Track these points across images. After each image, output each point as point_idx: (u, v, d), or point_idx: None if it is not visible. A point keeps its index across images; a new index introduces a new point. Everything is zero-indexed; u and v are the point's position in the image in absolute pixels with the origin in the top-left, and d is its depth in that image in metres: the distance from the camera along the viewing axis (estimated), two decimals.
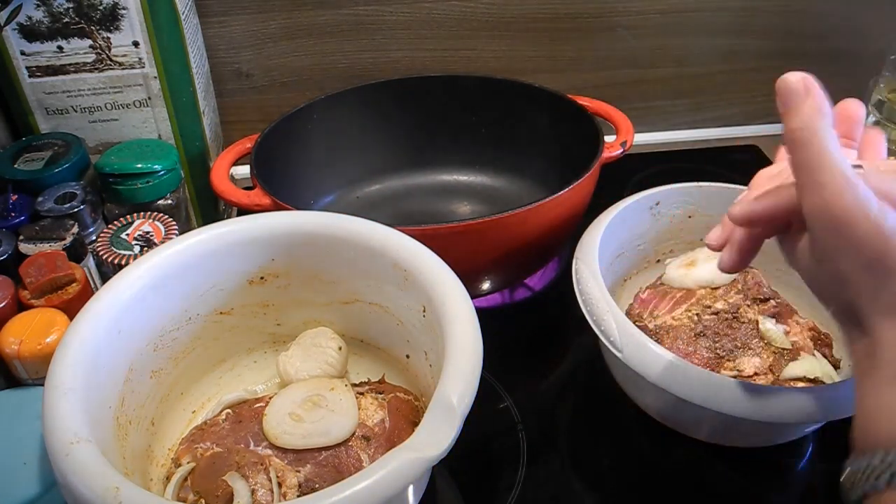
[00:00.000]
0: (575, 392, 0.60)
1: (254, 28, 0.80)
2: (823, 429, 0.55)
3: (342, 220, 0.51)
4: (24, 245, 0.54)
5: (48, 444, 0.37)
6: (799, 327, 0.57)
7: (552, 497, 0.52)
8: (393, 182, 0.80)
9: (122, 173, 0.60)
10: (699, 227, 0.65)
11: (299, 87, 0.84)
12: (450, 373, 0.40)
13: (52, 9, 0.59)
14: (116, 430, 0.43)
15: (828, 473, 0.54)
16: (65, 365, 0.41)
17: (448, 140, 0.79)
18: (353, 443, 0.45)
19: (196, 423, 0.51)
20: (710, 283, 0.59)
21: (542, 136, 0.76)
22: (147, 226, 0.58)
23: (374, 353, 0.56)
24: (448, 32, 0.84)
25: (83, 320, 0.43)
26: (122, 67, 0.63)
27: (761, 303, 0.57)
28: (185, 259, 0.49)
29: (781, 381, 0.52)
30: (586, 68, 0.89)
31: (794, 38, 0.91)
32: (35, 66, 0.61)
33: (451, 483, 0.52)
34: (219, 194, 0.62)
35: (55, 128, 0.65)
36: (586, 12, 0.85)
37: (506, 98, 0.76)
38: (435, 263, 0.48)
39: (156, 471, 0.48)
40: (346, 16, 0.81)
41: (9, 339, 0.47)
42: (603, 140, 0.65)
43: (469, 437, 0.39)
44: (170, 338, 0.50)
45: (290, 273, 0.53)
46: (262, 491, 0.43)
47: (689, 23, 0.88)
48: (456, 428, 0.38)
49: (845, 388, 0.46)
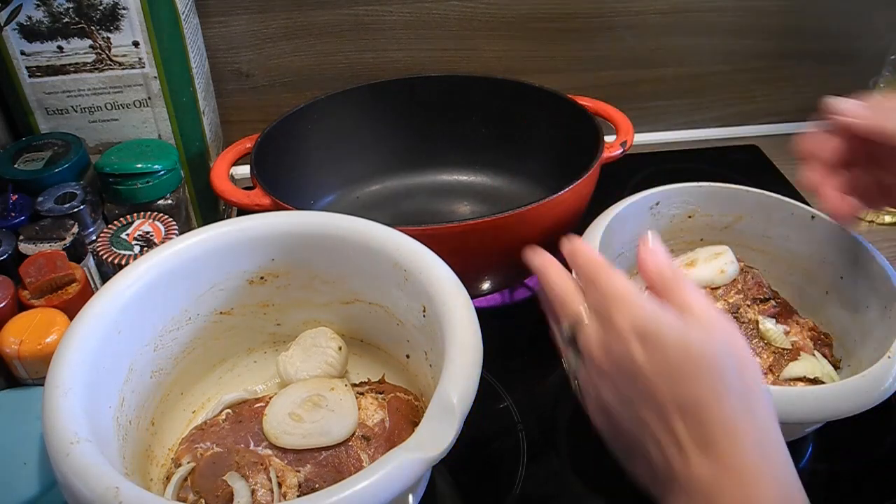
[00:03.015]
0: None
1: (254, 28, 0.80)
2: (823, 429, 0.55)
3: (342, 220, 0.51)
4: (24, 245, 0.54)
5: (48, 444, 0.37)
6: (799, 327, 0.57)
7: (552, 497, 0.52)
8: (393, 182, 0.80)
9: (122, 173, 0.60)
10: (699, 227, 0.65)
11: (299, 87, 0.84)
12: (450, 373, 0.40)
13: (52, 9, 0.59)
14: (116, 430, 0.43)
15: (828, 473, 0.54)
16: (65, 365, 0.41)
17: (448, 140, 0.79)
18: (353, 443, 0.46)
19: (196, 423, 0.51)
20: (710, 283, 0.59)
21: (542, 136, 0.76)
22: (147, 226, 0.58)
23: (374, 353, 0.56)
24: (448, 32, 0.84)
25: (83, 320, 0.43)
26: (122, 67, 0.63)
27: (761, 303, 0.57)
28: (185, 259, 0.49)
29: (781, 381, 0.52)
30: (586, 68, 0.89)
31: (794, 38, 0.91)
32: (35, 66, 0.61)
33: (451, 483, 0.52)
34: (219, 194, 0.62)
35: (55, 128, 0.65)
36: (586, 12, 0.85)
37: (506, 98, 0.76)
38: (435, 263, 0.48)
39: (156, 471, 0.48)
40: (346, 16, 0.81)
41: (9, 339, 0.47)
42: (603, 140, 0.65)
43: (469, 437, 0.39)
44: (170, 338, 0.50)
45: (290, 273, 0.53)
46: (262, 491, 0.43)
47: (689, 23, 0.88)
48: (456, 428, 0.38)
49: (845, 388, 0.46)
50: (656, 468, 0.36)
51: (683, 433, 0.35)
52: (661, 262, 0.40)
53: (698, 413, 0.34)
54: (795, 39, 0.91)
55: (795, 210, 0.61)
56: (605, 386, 0.38)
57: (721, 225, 0.65)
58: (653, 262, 0.40)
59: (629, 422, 0.37)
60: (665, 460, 0.35)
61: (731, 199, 0.64)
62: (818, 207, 0.57)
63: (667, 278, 0.39)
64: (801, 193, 0.81)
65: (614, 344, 0.37)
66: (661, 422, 0.35)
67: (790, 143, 0.56)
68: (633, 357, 0.36)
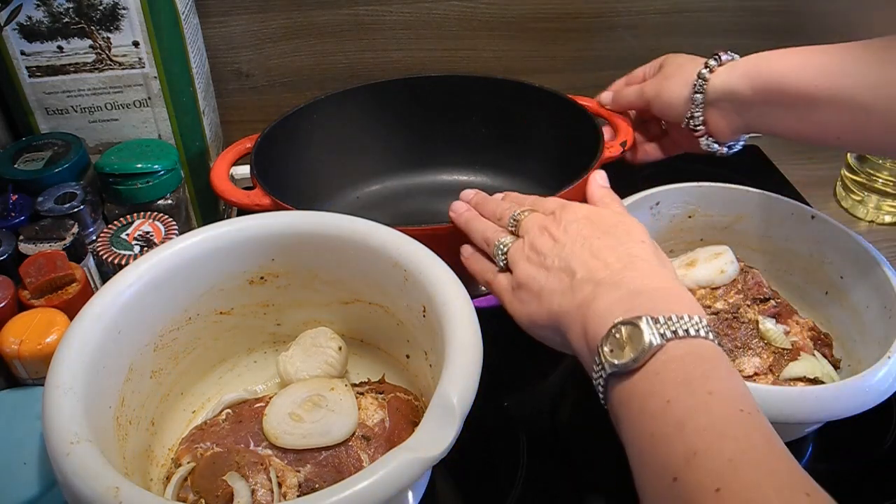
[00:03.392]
0: (575, 392, 0.60)
1: (254, 28, 0.80)
2: (823, 429, 0.55)
3: (342, 220, 0.51)
4: (24, 245, 0.54)
5: (48, 444, 0.37)
6: (799, 327, 0.57)
7: (552, 497, 0.52)
8: (393, 182, 0.80)
9: (122, 173, 0.60)
10: (699, 227, 0.65)
11: (299, 87, 0.84)
12: (450, 373, 0.40)
13: (52, 9, 0.59)
14: (116, 430, 0.43)
15: (828, 473, 0.54)
16: (65, 365, 0.41)
17: (448, 140, 0.79)
18: (353, 443, 0.46)
19: (196, 423, 0.51)
20: (710, 284, 0.59)
21: (542, 136, 0.76)
22: (147, 226, 0.58)
23: (374, 353, 0.57)
24: (448, 32, 0.84)
25: (83, 320, 0.43)
26: (122, 67, 0.63)
27: (761, 303, 0.57)
28: (185, 259, 0.49)
29: (781, 381, 0.52)
30: (586, 68, 0.89)
31: (794, 38, 0.91)
32: (35, 66, 0.61)
33: (451, 483, 0.52)
34: (219, 194, 0.62)
35: (55, 128, 0.65)
36: (586, 12, 0.85)
37: (506, 98, 0.76)
38: (435, 263, 0.48)
39: (156, 471, 0.48)
40: (346, 16, 0.81)
41: (9, 339, 0.47)
42: (603, 140, 0.65)
43: (469, 437, 0.39)
44: (170, 338, 0.50)
45: (290, 273, 0.53)
46: (262, 491, 0.43)
47: (689, 23, 0.88)
48: (456, 428, 0.38)
49: (845, 388, 0.46)
50: (576, 312, 0.42)
51: (614, 261, 0.43)
52: (603, 188, 0.54)
53: (627, 249, 0.43)
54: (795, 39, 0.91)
55: (795, 210, 0.61)
56: (537, 257, 0.46)
57: (721, 225, 0.65)
58: (597, 186, 0.54)
59: (557, 275, 0.44)
60: (593, 279, 0.42)
61: (731, 199, 0.64)
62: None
63: (604, 195, 0.52)
64: (801, 193, 0.81)
65: (561, 213, 0.48)
66: (594, 258, 0.43)
67: (791, 143, 0.56)
68: (578, 216, 0.47)
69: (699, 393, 0.34)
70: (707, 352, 0.36)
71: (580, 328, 0.41)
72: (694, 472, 0.31)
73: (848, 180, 0.82)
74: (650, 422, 0.35)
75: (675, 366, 0.36)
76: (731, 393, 0.35)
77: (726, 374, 0.36)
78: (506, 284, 0.48)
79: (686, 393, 0.34)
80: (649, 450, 0.34)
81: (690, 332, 0.37)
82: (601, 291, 0.41)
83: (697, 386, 0.35)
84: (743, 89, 0.58)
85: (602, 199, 0.52)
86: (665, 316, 0.37)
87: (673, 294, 0.40)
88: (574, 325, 0.42)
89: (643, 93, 0.66)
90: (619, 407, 0.37)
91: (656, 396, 0.35)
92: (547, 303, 0.44)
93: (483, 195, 0.57)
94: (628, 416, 0.37)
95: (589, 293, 0.41)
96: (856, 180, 0.81)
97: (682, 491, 0.32)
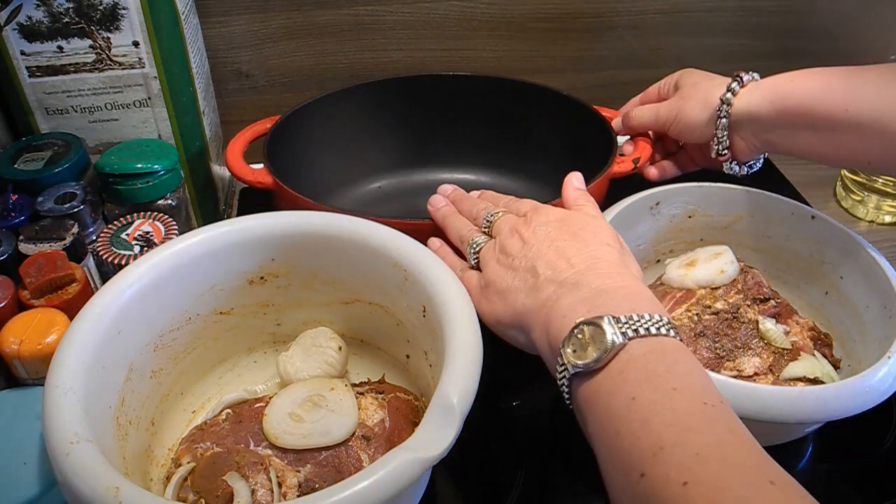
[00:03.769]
0: None
1: (254, 28, 0.80)
2: (823, 429, 0.55)
3: (342, 220, 0.52)
4: (24, 245, 0.54)
5: (48, 444, 0.37)
6: (799, 327, 0.57)
7: (552, 497, 0.52)
8: (393, 181, 0.80)
9: (122, 173, 0.60)
10: (699, 227, 0.65)
11: (299, 87, 0.84)
12: (450, 373, 0.40)
13: (52, 9, 0.59)
14: (116, 430, 0.43)
15: (828, 473, 0.54)
16: (65, 365, 0.41)
17: (448, 140, 0.79)
18: (353, 443, 0.45)
19: (196, 423, 0.51)
20: (710, 283, 0.59)
21: (544, 136, 0.76)
22: (147, 226, 0.58)
23: (374, 353, 0.57)
24: (448, 32, 0.84)
25: (83, 320, 0.43)
26: (122, 67, 0.63)
27: (761, 303, 0.57)
28: (185, 259, 0.49)
29: (781, 381, 0.52)
30: (586, 68, 0.89)
31: (794, 38, 0.91)
32: (35, 66, 0.61)
33: (451, 483, 0.52)
34: (229, 167, 0.65)
35: (55, 128, 0.65)
36: (586, 12, 0.85)
37: (507, 98, 0.76)
38: (435, 263, 0.48)
39: (156, 471, 0.48)
40: (346, 16, 0.81)
41: (9, 339, 0.47)
42: (616, 149, 0.65)
43: (469, 437, 0.39)
44: (170, 338, 0.50)
45: (290, 273, 0.53)
46: (262, 491, 0.43)
47: (689, 23, 0.88)
48: (456, 428, 0.38)
49: (845, 388, 0.46)
50: (540, 311, 0.43)
51: (578, 262, 0.43)
52: (577, 190, 0.53)
53: (592, 251, 0.44)
54: (795, 39, 0.91)
55: (795, 210, 0.61)
56: (505, 258, 0.47)
57: (721, 225, 0.65)
58: (572, 187, 0.53)
59: (522, 275, 0.45)
60: (556, 279, 0.43)
61: (731, 199, 0.64)
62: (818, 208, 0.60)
63: (578, 197, 0.52)
64: (801, 193, 0.81)
65: (532, 215, 0.48)
66: (560, 259, 0.44)
67: None
68: (549, 218, 0.48)
69: (663, 389, 0.35)
70: (669, 348, 0.37)
71: (543, 328, 0.42)
72: (661, 466, 0.32)
73: (848, 180, 0.82)
74: (616, 420, 0.35)
75: (638, 364, 0.36)
76: (695, 387, 0.35)
77: (689, 368, 0.36)
78: (475, 282, 0.49)
79: (650, 389, 0.35)
80: (616, 447, 0.35)
81: (651, 330, 0.37)
82: (563, 291, 0.42)
83: (661, 382, 0.35)
84: (766, 112, 0.58)
85: (576, 201, 0.52)
86: (626, 315, 0.38)
87: (634, 293, 0.41)
88: (537, 325, 0.42)
89: (659, 114, 0.67)
90: (585, 406, 0.38)
91: (621, 394, 0.36)
92: (512, 302, 0.45)
93: (461, 192, 0.58)
94: (594, 415, 0.37)
95: (552, 293, 0.42)
96: (856, 180, 0.81)
97: (649, 486, 0.32)
